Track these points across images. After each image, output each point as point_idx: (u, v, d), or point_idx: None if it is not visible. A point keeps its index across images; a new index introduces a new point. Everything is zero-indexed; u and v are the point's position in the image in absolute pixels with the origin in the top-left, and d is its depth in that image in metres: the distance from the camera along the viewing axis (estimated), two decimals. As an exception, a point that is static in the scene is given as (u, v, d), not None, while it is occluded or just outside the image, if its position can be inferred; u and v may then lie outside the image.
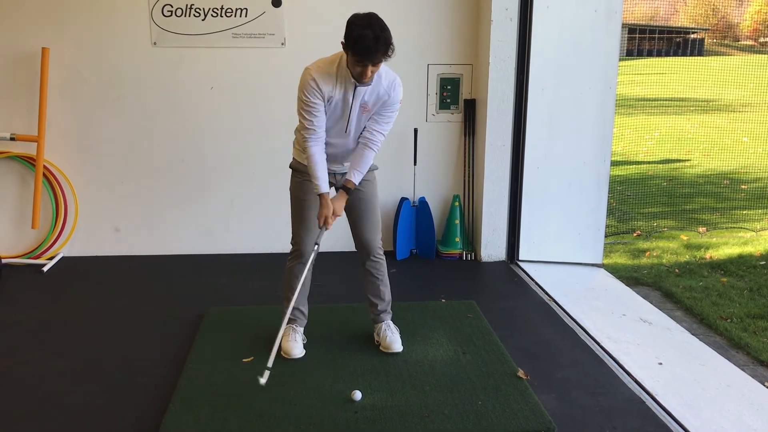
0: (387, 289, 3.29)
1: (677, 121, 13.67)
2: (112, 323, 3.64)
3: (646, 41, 29.22)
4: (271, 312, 3.52)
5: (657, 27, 29.66)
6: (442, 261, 4.75)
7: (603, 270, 4.74)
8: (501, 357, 3.18)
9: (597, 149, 4.59)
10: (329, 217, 2.97)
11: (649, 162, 10.01)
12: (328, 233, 3.07)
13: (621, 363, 3.20)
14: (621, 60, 4.52)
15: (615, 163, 7.79)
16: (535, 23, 4.37)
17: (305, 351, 3.20)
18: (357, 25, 2.67)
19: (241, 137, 4.69)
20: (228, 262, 4.69)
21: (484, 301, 3.90)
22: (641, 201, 7.60)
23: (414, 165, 4.78)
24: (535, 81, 4.45)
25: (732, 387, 3.09)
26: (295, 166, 3.13)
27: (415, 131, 4.73)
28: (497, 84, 4.46)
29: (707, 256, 5.66)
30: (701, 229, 6.47)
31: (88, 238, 4.75)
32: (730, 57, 23.23)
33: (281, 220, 4.47)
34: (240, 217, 4.82)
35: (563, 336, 3.53)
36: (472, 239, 4.87)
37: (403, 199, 4.74)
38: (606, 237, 5.01)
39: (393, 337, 3.24)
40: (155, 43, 4.49)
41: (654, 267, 5.36)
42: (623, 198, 7.62)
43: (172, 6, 4.44)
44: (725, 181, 8.60)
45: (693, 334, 3.88)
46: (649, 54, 29.22)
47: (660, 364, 3.25)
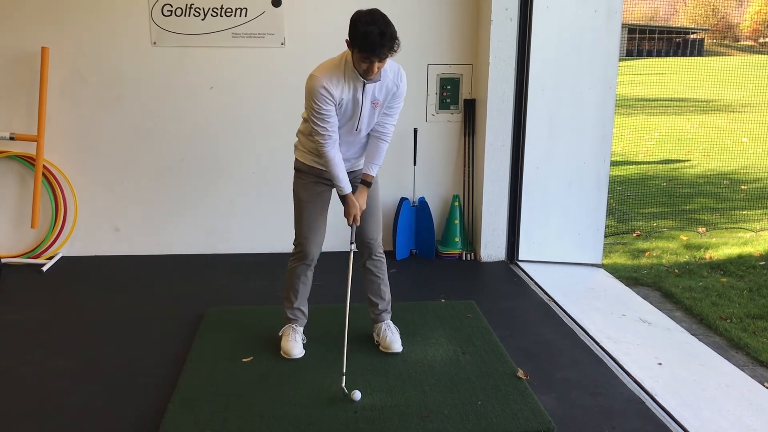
0: (387, 289, 3.30)
1: (677, 122, 13.68)
2: (112, 323, 3.64)
3: (645, 41, 29.22)
4: (271, 312, 3.52)
5: (657, 27, 29.66)
6: (441, 261, 4.75)
7: (603, 270, 4.74)
8: (500, 357, 3.18)
9: (597, 149, 4.59)
10: (358, 215, 3.01)
11: (649, 162, 10.01)
12: (328, 233, 3.17)
13: (621, 363, 3.21)
14: (621, 60, 4.52)
15: (615, 164, 7.80)
16: (535, 23, 4.37)
17: (305, 351, 3.21)
18: (361, 22, 2.65)
19: (241, 137, 4.69)
20: (228, 262, 4.69)
21: (483, 301, 3.90)
22: (641, 201, 7.60)
23: (414, 165, 4.78)
24: (535, 81, 4.46)
25: (731, 387, 3.09)
26: (299, 167, 3.12)
27: (415, 131, 4.73)
28: (497, 84, 4.46)
29: (707, 256, 5.66)
30: (701, 230, 6.47)
31: (87, 237, 4.75)
32: (729, 57, 23.22)
33: (281, 219, 4.49)
34: (240, 217, 4.82)
35: (563, 336, 3.53)
36: (471, 239, 4.87)
37: (403, 199, 4.74)
38: (606, 237, 5.01)
39: (393, 337, 3.24)
40: (155, 43, 4.49)
41: (654, 267, 5.36)
42: (623, 198, 7.62)
43: (171, 6, 4.44)
44: (725, 182, 8.60)
45: (692, 334, 3.88)
46: (649, 54, 29.23)
47: (660, 364, 3.25)
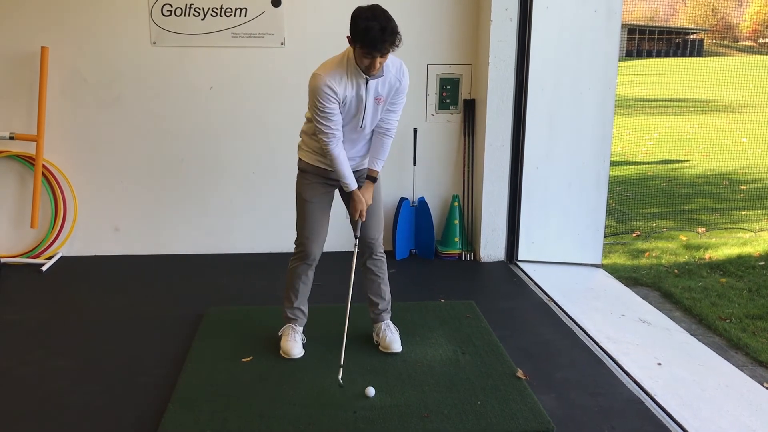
0: (387, 288, 3.30)
1: (676, 122, 13.68)
2: (112, 323, 3.64)
3: (645, 42, 29.21)
4: (271, 312, 3.53)
5: (656, 27, 29.65)
6: (441, 261, 4.75)
7: (602, 270, 4.74)
8: (500, 357, 3.19)
9: (596, 149, 4.59)
10: (364, 210, 3.03)
11: (649, 162, 10.01)
12: (329, 233, 3.19)
13: (620, 363, 3.21)
14: (620, 60, 4.53)
15: (614, 164, 7.80)
16: (535, 23, 4.37)
17: (305, 351, 3.21)
18: (362, 18, 2.65)
19: (241, 137, 4.69)
20: (228, 261, 4.69)
21: (483, 301, 3.90)
22: (640, 201, 7.60)
23: (413, 165, 4.78)
24: (535, 81, 4.46)
25: (731, 387, 3.10)
26: (304, 167, 3.11)
27: (415, 131, 4.73)
28: (497, 84, 4.46)
29: (706, 256, 5.66)
30: (700, 230, 6.48)
31: (87, 237, 4.75)
32: (729, 58, 23.22)
33: (281, 219, 4.49)
34: (240, 217, 4.82)
35: (562, 336, 3.53)
36: (471, 239, 4.87)
37: (403, 199, 4.74)
38: (605, 237, 5.01)
39: (392, 337, 3.24)
40: (155, 43, 4.49)
41: (653, 267, 5.37)
42: (623, 198, 7.63)
43: (171, 5, 4.44)
44: (724, 182, 8.60)
45: (692, 334, 3.88)
46: (649, 54, 29.22)
47: (659, 364, 3.25)
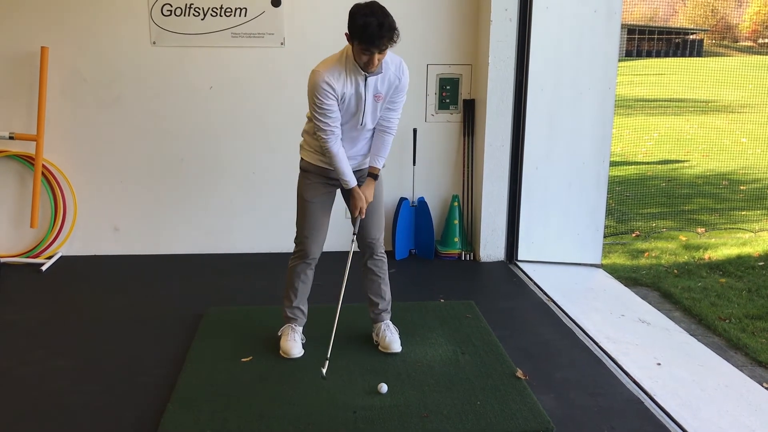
0: (388, 288, 3.30)
1: (676, 122, 13.69)
2: (112, 323, 3.64)
3: (645, 42, 29.21)
4: (271, 312, 3.53)
5: (656, 28, 29.64)
6: (441, 261, 4.75)
7: (602, 270, 4.74)
8: (500, 357, 3.19)
9: (596, 150, 4.60)
10: (364, 207, 3.04)
11: (648, 162, 10.02)
12: (329, 233, 3.21)
13: (620, 363, 3.21)
14: (620, 60, 4.53)
15: (614, 164, 7.80)
16: (535, 23, 4.37)
17: (304, 351, 3.21)
18: (360, 14, 2.65)
19: (241, 137, 4.69)
20: (228, 261, 4.69)
21: (483, 302, 3.90)
22: (640, 201, 7.61)
23: (413, 165, 4.78)
24: (535, 81, 4.46)
25: (730, 387, 3.10)
26: (306, 167, 3.11)
27: (414, 131, 4.73)
28: (496, 84, 4.46)
29: (706, 256, 5.67)
30: (700, 230, 6.48)
31: (87, 237, 4.75)
32: (729, 58, 23.24)
33: (281, 219, 4.49)
34: (239, 217, 4.82)
35: (562, 336, 3.53)
36: (471, 239, 4.87)
37: (402, 199, 4.74)
38: (605, 237, 5.02)
39: (392, 337, 3.24)
40: (155, 43, 4.49)
41: (653, 267, 5.37)
42: (622, 198, 7.63)
43: (171, 5, 4.44)
44: (724, 182, 8.61)
45: (691, 334, 3.88)
46: (649, 55, 29.21)
47: (659, 364, 3.26)
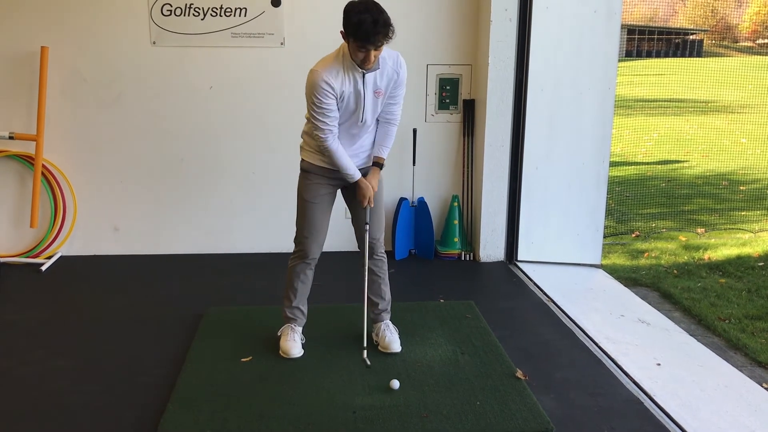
0: (387, 288, 3.30)
1: (676, 122, 13.69)
2: (111, 323, 3.64)
3: (645, 42, 29.22)
4: (271, 312, 3.53)
5: (656, 28, 29.66)
6: (440, 261, 4.75)
7: (601, 271, 4.74)
8: (499, 357, 3.19)
9: (596, 150, 4.60)
10: (372, 197, 3.06)
11: (648, 163, 10.02)
12: (329, 233, 3.20)
13: (619, 364, 3.21)
14: (620, 61, 4.53)
15: (614, 164, 7.80)
16: (535, 24, 4.37)
17: (304, 351, 3.21)
18: (354, 11, 2.65)
19: (241, 137, 4.69)
20: (228, 261, 4.69)
21: (482, 302, 3.90)
22: (640, 202, 7.61)
23: (413, 165, 4.79)
24: (535, 81, 4.46)
25: (730, 388, 3.10)
26: (307, 167, 3.11)
27: (414, 131, 4.73)
28: (496, 84, 4.46)
29: (706, 257, 5.67)
30: (700, 230, 6.48)
31: (86, 237, 4.75)
32: (728, 58, 23.25)
33: (281, 219, 4.49)
34: (239, 217, 4.82)
35: (562, 336, 3.53)
36: (470, 239, 4.87)
37: (402, 199, 4.74)
38: (605, 238, 5.02)
39: (392, 338, 3.24)
40: (154, 43, 4.49)
41: (652, 268, 5.37)
42: (622, 199, 7.63)
43: (171, 5, 4.44)
44: (724, 182, 8.61)
45: (691, 334, 3.88)
46: (648, 55, 29.22)
47: (658, 364, 3.26)
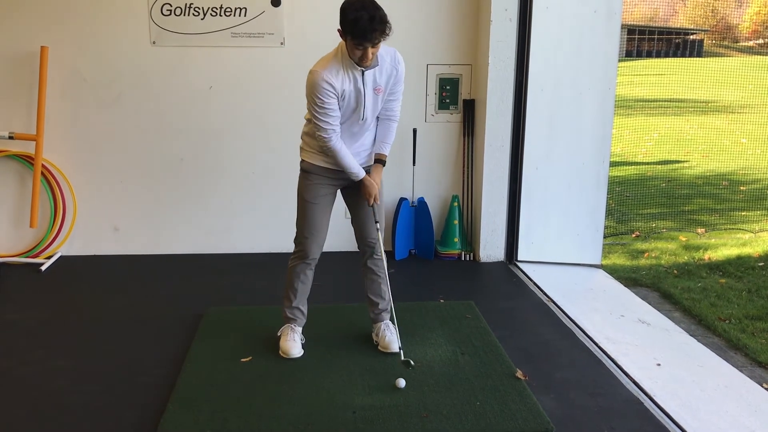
0: (387, 288, 3.30)
1: (676, 122, 13.69)
2: (111, 323, 3.64)
3: (645, 42, 29.22)
4: (271, 312, 3.52)
5: (656, 28, 29.66)
6: (440, 261, 4.75)
7: (602, 271, 4.74)
8: (499, 357, 3.19)
9: (596, 150, 4.59)
10: (377, 195, 3.08)
11: (648, 163, 10.02)
12: (329, 233, 3.20)
13: (619, 364, 3.21)
14: (620, 61, 4.53)
15: (614, 164, 7.79)
16: (535, 24, 4.37)
17: (304, 351, 3.21)
18: (351, 9, 2.66)
19: (241, 137, 4.69)
20: (228, 261, 4.69)
21: (482, 302, 3.90)
22: (640, 202, 7.61)
23: (413, 165, 4.78)
24: (535, 81, 4.46)
25: (730, 388, 3.10)
26: (308, 168, 3.10)
27: (414, 131, 4.73)
28: (496, 84, 4.46)
29: (706, 257, 5.67)
30: (700, 230, 6.48)
31: (86, 237, 4.75)
32: (729, 58, 23.24)
33: (281, 219, 4.49)
34: (239, 217, 4.82)
35: (562, 337, 3.53)
36: (470, 239, 4.87)
37: (402, 200, 4.74)
38: (605, 238, 5.01)
39: (392, 337, 3.24)
40: (154, 43, 4.49)
41: (652, 268, 5.37)
42: (622, 199, 7.63)
43: (171, 5, 4.44)
44: (724, 183, 8.61)
45: (691, 335, 3.88)
46: (649, 55, 29.22)
47: (658, 365, 3.26)
